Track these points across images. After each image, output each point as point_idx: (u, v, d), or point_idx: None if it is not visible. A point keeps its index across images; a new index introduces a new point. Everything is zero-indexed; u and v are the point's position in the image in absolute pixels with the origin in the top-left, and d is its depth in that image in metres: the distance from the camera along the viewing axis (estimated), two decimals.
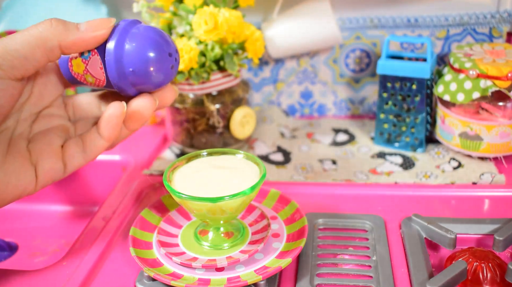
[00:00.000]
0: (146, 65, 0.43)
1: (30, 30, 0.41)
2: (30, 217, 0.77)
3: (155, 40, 0.44)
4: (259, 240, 0.50)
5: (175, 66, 0.46)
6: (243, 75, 0.83)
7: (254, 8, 0.79)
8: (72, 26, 0.42)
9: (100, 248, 0.54)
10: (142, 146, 0.77)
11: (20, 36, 0.40)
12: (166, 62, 0.45)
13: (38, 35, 0.40)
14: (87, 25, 0.42)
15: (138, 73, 0.44)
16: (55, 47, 0.41)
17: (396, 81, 0.72)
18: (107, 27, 0.43)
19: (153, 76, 0.44)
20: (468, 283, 0.47)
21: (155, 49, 0.44)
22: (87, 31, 0.42)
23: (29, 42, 0.40)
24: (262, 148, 0.76)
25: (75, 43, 0.42)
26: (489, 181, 0.63)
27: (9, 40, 0.40)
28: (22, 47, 0.40)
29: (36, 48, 0.40)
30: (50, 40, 0.41)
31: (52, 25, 0.41)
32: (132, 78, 0.44)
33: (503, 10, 0.75)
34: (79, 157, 0.47)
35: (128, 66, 0.43)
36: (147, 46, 0.43)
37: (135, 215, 0.61)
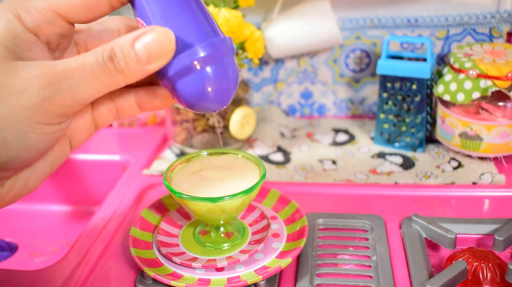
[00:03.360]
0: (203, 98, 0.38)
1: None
2: (30, 217, 0.77)
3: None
4: (259, 240, 0.50)
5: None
6: (243, 75, 0.83)
7: (254, 8, 0.79)
8: (124, 65, 0.34)
9: (100, 248, 0.54)
10: (142, 146, 0.77)
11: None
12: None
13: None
14: (145, 51, 0.34)
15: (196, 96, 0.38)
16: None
17: (396, 81, 0.72)
18: (169, 54, 0.35)
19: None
20: (468, 283, 0.47)
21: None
22: (146, 63, 0.35)
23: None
24: (262, 148, 0.76)
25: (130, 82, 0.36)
26: (489, 181, 0.63)
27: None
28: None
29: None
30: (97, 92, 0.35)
31: (99, 65, 0.34)
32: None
33: (503, 10, 0.75)
34: (111, 118, 0.43)
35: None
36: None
37: (135, 215, 0.61)
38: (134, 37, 0.34)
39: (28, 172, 0.38)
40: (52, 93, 0.33)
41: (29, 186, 0.39)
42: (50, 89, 0.33)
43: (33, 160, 0.37)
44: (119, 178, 0.71)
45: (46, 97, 0.33)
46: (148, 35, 0.34)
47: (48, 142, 0.36)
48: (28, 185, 0.38)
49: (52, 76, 0.33)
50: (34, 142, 0.34)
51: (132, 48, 0.34)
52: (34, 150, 0.35)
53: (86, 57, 0.34)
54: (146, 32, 0.34)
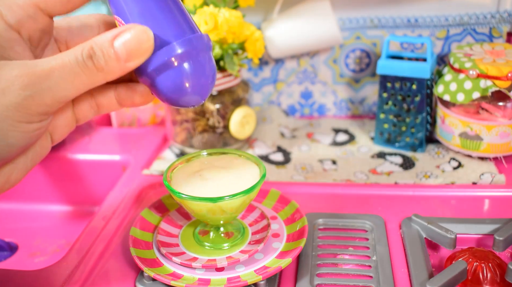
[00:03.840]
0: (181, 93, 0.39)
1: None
2: (30, 217, 0.77)
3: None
4: (259, 240, 0.50)
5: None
6: (243, 75, 0.83)
7: (254, 8, 0.79)
8: (103, 63, 0.35)
9: (100, 248, 0.54)
10: (142, 146, 0.77)
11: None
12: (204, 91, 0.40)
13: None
14: (124, 49, 0.35)
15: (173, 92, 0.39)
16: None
17: (396, 81, 0.72)
18: (148, 52, 0.36)
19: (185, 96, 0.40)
20: (468, 283, 0.47)
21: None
22: (125, 60, 0.35)
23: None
24: (262, 148, 0.76)
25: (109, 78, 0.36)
26: (489, 181, 0.63)
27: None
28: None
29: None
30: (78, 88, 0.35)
31: (78, 64, 0.34)
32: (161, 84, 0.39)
33: (503, 10, 0.75)
34: (91, 114, 0.44)
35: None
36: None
37: (135, 215, 0.61)
38: (113, 35, 0.35)
39: (9, 167, 0.38)
40: (32, 92, 0.33)
41: (10, 181, 0.39)
42: (31, 89, 0.33)
43: (13, 157, 0.37)
44: (119, 178, 0.71)
45: (27, 97, 0.33)
46: (127, 33, 0.35)
47: (29, 140, 0.36)
48: (9, 180, 0.39)
49: (33, 76, 0.33)
50: (15, 140, 0.35)
51: (111, 46, 0.34)
52: (15, 148, 0.35)
53: (66, 56, 0.34)
54: (125, 30, 0.35)
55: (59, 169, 0.77)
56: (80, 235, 0.57)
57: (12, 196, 0.79)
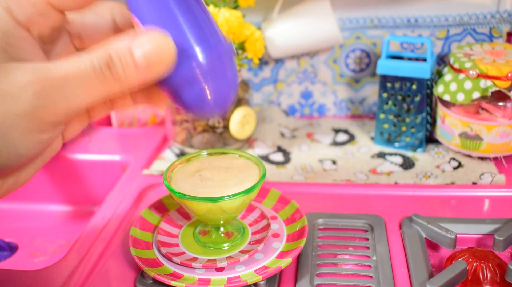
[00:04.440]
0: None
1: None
2: (30, 217, 0.77)
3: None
4: (259, 240, 0.50)
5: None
6: (243, 75, 0.83)
7: (254, 8, 0.79)
8: (121, 73, 0.32)
9: (100, 248, 0.54)
10: (142, 146, 0.77)
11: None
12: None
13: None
14: (144, 60, 0.32)
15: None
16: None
17: (396, 81, 0.72)
18: (169, 64, 0.33)
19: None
20: (468, 283, 0.47)
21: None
22: (145, 71, 0.33)
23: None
24: (262, 148, 0.76)
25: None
26: (489, 181, 0.63)
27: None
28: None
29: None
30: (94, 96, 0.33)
31: (95, 73, 0.32)
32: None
33: (503, 10, 0.75)
34: (105, 111, 0.42)
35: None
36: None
37: (135, 215, 0.61)
38: (133, 43, 0.32)
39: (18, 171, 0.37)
40: (45, 101, 0.31)
41: (20, 181, 0.37)
42: (43, 98, 0.31)
43: (23, 166, 0.35)
44: (119, 178, 0.71)
45: (39, 106, 0.31)
46: (147, 43, 0.32)
47: (41, 149, 0.34)
48: (18, 181, 0.37)
49: (46, 82, 0.31)
50: (25, 150, 0.33)
51: (131, 56, 0.32)
52: (25, 158, 0.34)
53: (81, 62, 0.32)
54: (146, 39, 0.32)
55: (59, 169, 0.77)
56: (80, 235, 0.57)
57: (12, 196, 0.78)
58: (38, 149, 0.34)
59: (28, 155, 0.34)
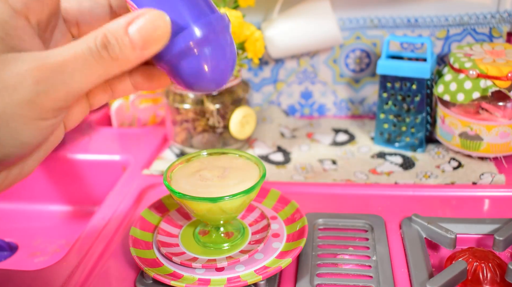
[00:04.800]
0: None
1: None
2: (30, 217, 0.77)
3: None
4: (259, 240, 0.50)
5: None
6: (243, 75, 0.83)
7: (254, 8, 0.79)
8: (118, 52, 0.32)
9: (100, 248, 0.54)
10: (142, 146, 0.77)
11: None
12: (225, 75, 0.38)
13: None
14: (139, 36, 0.32)
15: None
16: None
17: (396, 81, 0.72)
18: (164, 38, 0.33)
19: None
20: (468, 283, 0.47)
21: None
22: (141, 49, 0.33)
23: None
24: (262, 148, 0.76)
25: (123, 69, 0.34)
26: (489, 181, 0.63)
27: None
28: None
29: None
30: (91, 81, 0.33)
31: (93, 55, 0.32)
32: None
33: (503, 10, 0.75)
34: (105, 98, 0.42)
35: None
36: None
37: (135, 215, 0.61)
38: (127, 22, 0.32)
39: (22, 161, 0.37)
40: (46, 87, 0.31)
41: (23, 172, 0.37)
42: (43, 84, 0.31)
43: (27, 155, 0.36)
44: (119, 178, 0.71)
45: (40, 92, 0.31)
46: (141, 19, 0.32)
47: (44, 136, 0.34)
48: (22, 172, 0.37)
49: (45, 69, 0.31)
50: (29, 139, 0.33)
51: (126, 34, 0.32)
52: (29, 146, 0.34)
53: (78, 47, 0.32)
54: (139, 15, 0.33)
55: (59, 169, 0.77)
56: (80, 235, 0.57)
57: (12, 196, 0.79)
58: (41, 136, 0.34)
59: (32, 143, 0.34)
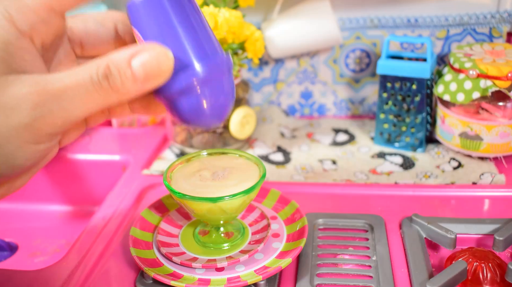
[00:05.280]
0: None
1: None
2: (30, 217, 0.77)
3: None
4: (259, 240, 0.50)
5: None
6: (243, 75, 0.83)
7: (254, 8, 0.79)
8: (119, 84, 0.32)
9: (100, 248, 0.54)
10: (142, 146, 0.77)
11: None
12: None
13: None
14: (142, 70, 0.32)
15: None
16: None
17: (396, 81, 0.72)
18: (166, 75, 0.33)
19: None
20: (468, 283, 0.47)
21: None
22: (142, 82, 0.33)
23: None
24: (262, 148, 0.76)
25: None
26: (489, 181, 0.63)
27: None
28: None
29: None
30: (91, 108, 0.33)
31: (93, 84, 0.32)
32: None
33: (503, 10, 0.75)
34: (102, 118, 0.42)
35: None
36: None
37: (135, 215, 0.61)
38: (131, 55, 0.32)
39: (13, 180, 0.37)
40: (43, 113, 0.31)
41: (14, 187, 0.37)
42: (41, 109, 0.31)
43: (18, 176, 0.35)
44: (119, 178, 0.71)
45: (37, 117, 0.31)
46: (145, 54, 0.32)
47: (37, 159, 0.34)
48: (12, 187, 0.37)
49: (44, 94, 0.31)
50: (23, 161, 0.33)
51: (129, 67, 0.32)
52: (22, 168, 0.34)
53: (79, 74, 0.32)
54: (144, 50, 0.33)
55: (59, 169, 0.77)
56: (80, 235, 0.57)
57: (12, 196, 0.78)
58: (35, 159, 0.34)
59: (25, 166, 0.34)
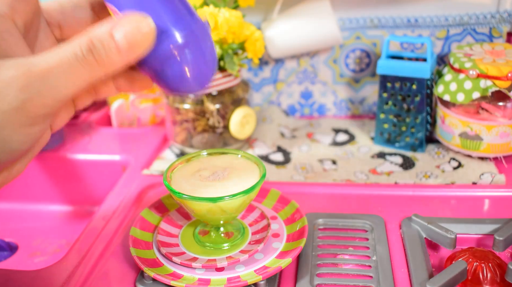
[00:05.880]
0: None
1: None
2: (30, 217, 0.77)
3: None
4: (259, 240, 0.50)
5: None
6: (243, 75, 0.83)
7: (254, 8, 0.79)
8: (104, 56, 0.33)
9: (100, 248, 0.54)
10: (142, 146, 0.77)
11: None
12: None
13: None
14: (125, 40, 0.33)
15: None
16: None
17: (396, 81, 0.72)
18: (149, 42, 0.34)
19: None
20: (468, 283, 0.47)
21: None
22: (127, 52, 0.33)
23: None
24: (262, 148, 0.76)
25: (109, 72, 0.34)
26: (489, 181, 0.63)
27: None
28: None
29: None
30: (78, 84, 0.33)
31: (78, 60, 0.32)
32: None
33: (503, 10, 0.75)
34: (89, 100, 0.42)
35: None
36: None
37: (135, 215, 0.61)
38: (112, 26, 0.33)
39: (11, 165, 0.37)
40: (32, 94, 0.31)
41: (12, 174, 0.37)
42: (29, 91, 0.31)
43: (16, 160, 0.36)
44: (119, 178, 0.71)
45: (27, 99, 0.31)
46: (126, 24, 0.33)
47: (32, 142, 0.34)
48: (11, 174, 0.37)
49: (31, 76, 0.31)
50: (18, 145, 0.33)
51: (112, 38, 0.32)
52: (18, 152, 0.34)
53: (63, 52, 0.32)
54: (124, 20, 0.33)
55: (59, 169, 0.77)
56: (80, 235, 0.57)
57: (12, 196, 0.79)
58: (30, 142, 0.34)
59: (20, 149, 0.34)
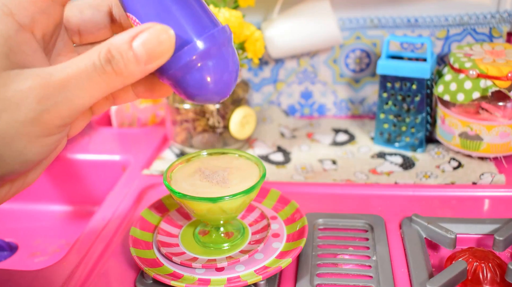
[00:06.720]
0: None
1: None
2: (30, 217, 0.77)
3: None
4: (259, 240, 0.50)
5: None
6: (243, 75, 0.83)
7: (254, 8, 0.79)
8: (123, 67, 0.32)
9: (100, 248, 0.54)
10: (142, 146, 0.77)
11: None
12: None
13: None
14: (144, 50, 0.32)
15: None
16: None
17: (396, 81, 0.72)
18: (169, 53, 0.33)
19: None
20: (468, 283, 0.47)
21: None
22: (146, 63, 0.32)
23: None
24: (262, 148, 0.76)
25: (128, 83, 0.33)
26: (489, 181, 0.63)
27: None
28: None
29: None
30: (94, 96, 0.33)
31: (96, 71, 0.32)
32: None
33: (503, 10, 0.75)
34: (107, 106, 0.42)
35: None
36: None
37: (135, 215, 0.61)
38: (131, 36, 0.32)
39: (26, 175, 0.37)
40: (49, 106, 0.31)
41: (26, 182, 0.37)
42: (47, 102, 0.31)
43: (31, 170, 0.35)
44: (119, 178, 0.71)
45: (44, 111, 0.31)
46: (146, 33, 0.32)
47: (47, 152, 0.34)
48: (25, 183, 0.37)
49: (48, 87, 0.31)
50: (33, 156, 0.33)
51: (130, 48, 0.32)
52: (33, 162, 0.33)
53: (81, 62, 0.32)
54: (143, 30, 0.32)
55: (59, 169, 0.77)
56: (80, 235, 0.57)
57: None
58: (45, 152, 0.34)
59: (36, 160, 0.33)
